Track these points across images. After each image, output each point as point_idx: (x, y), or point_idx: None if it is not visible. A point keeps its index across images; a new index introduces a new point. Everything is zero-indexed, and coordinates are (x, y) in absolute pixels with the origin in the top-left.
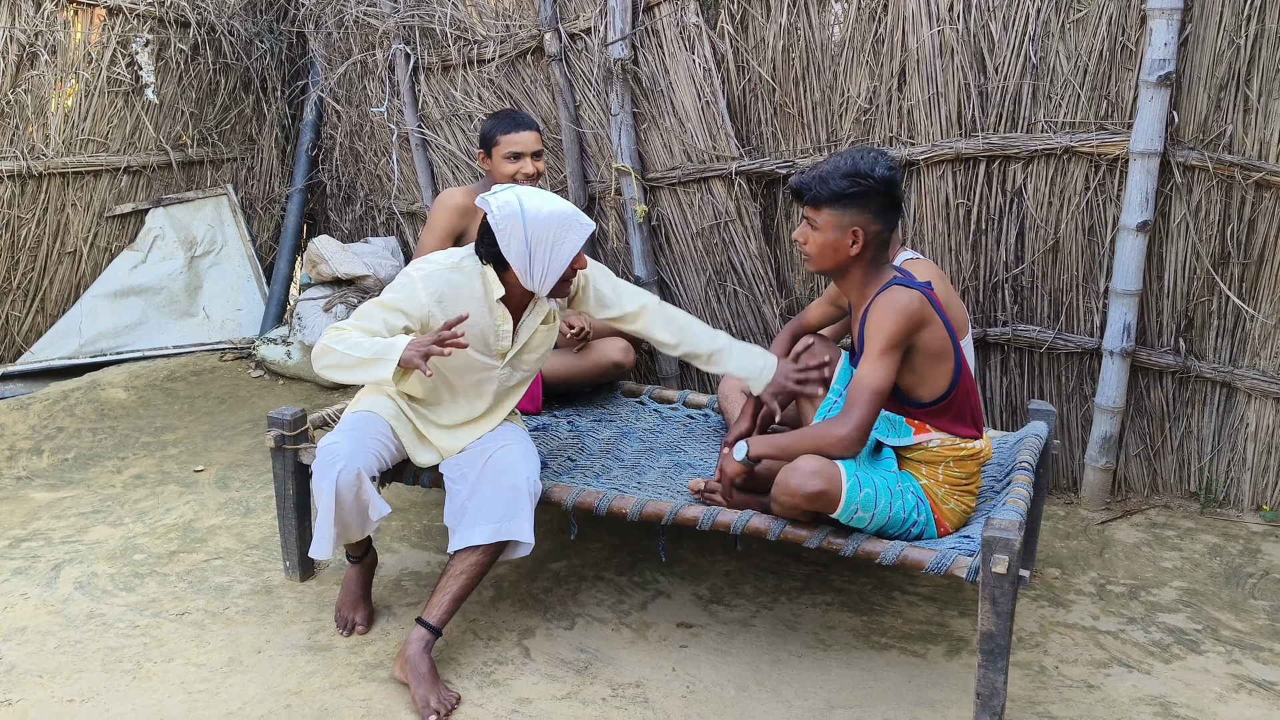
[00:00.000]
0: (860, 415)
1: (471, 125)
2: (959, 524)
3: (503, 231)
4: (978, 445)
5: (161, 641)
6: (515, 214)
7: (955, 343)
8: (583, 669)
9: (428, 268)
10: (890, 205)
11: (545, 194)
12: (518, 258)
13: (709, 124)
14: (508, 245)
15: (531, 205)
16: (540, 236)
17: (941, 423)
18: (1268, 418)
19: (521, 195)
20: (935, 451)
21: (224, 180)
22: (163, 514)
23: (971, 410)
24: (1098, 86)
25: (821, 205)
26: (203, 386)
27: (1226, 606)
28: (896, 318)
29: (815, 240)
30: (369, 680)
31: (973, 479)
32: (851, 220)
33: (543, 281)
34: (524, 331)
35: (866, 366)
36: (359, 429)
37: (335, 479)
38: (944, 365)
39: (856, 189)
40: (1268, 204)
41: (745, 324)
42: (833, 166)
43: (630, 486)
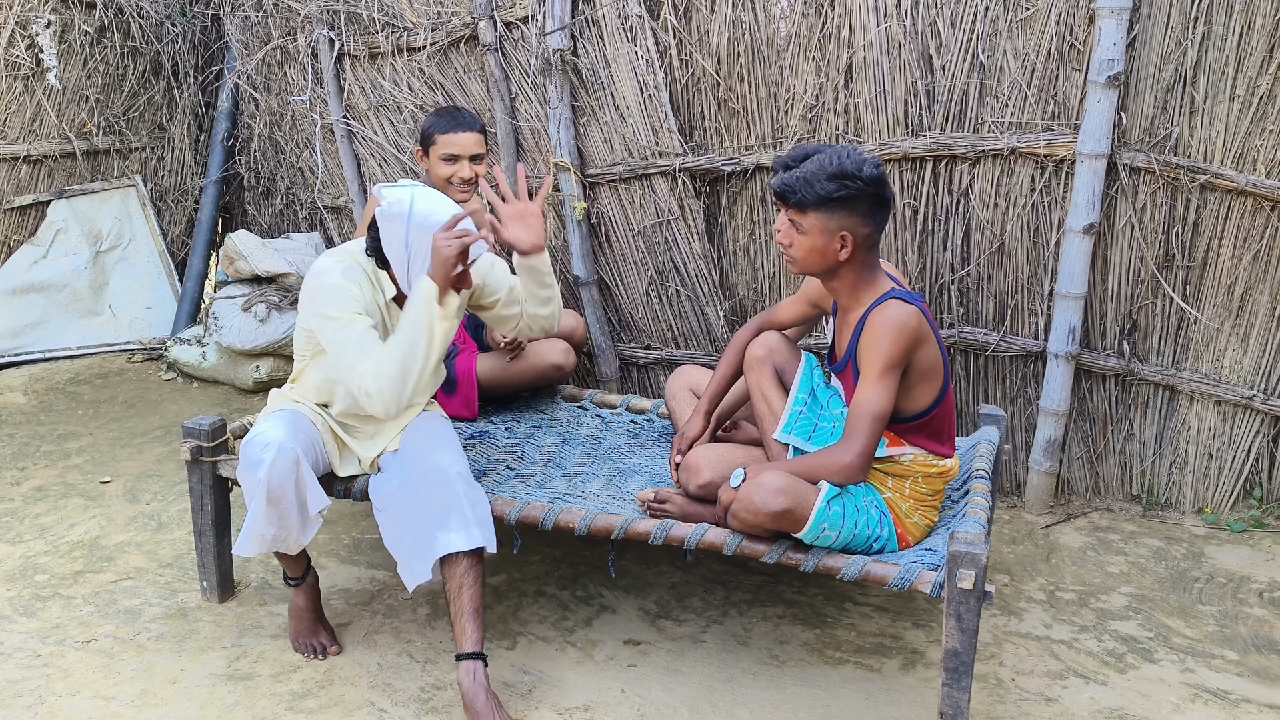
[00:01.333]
0: (863, 442)
1: (401, 117)
2: (921, 538)
3: (386, 229)
4: (948, 463)
5: (66, 672)
6: (402, 213)
7: (946, 362)
8: (526, 693)
9: (339, 263)
10: (879, 205)
11: (443, 200)
12: (396, 257)
13: (651, 118)
14: (389, 244)
15: (421, 209)
16: (421, 243)
17: (919, 439)
18: (1209, 420)
19: (415, 195)
20: (906, 466)
21: (132, 171)
22: (66, 530)
23: (949, 427)
24: (1045, 87)
25: (808, 209)
26: (109, 390)
27: (1176, 612)
28: (896, 337)
29: (801, 244)
30: (296, 711)
31: (938, 495)
32: (840, 224)
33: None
34: None
35: (866, 390)
36: (288, 420)
37: (269, 467)
38: (933, 383)
39: (844, 192)
40: (1212, 206)
41: (688, 325)
42: (817, 167)
43: (575, 496)
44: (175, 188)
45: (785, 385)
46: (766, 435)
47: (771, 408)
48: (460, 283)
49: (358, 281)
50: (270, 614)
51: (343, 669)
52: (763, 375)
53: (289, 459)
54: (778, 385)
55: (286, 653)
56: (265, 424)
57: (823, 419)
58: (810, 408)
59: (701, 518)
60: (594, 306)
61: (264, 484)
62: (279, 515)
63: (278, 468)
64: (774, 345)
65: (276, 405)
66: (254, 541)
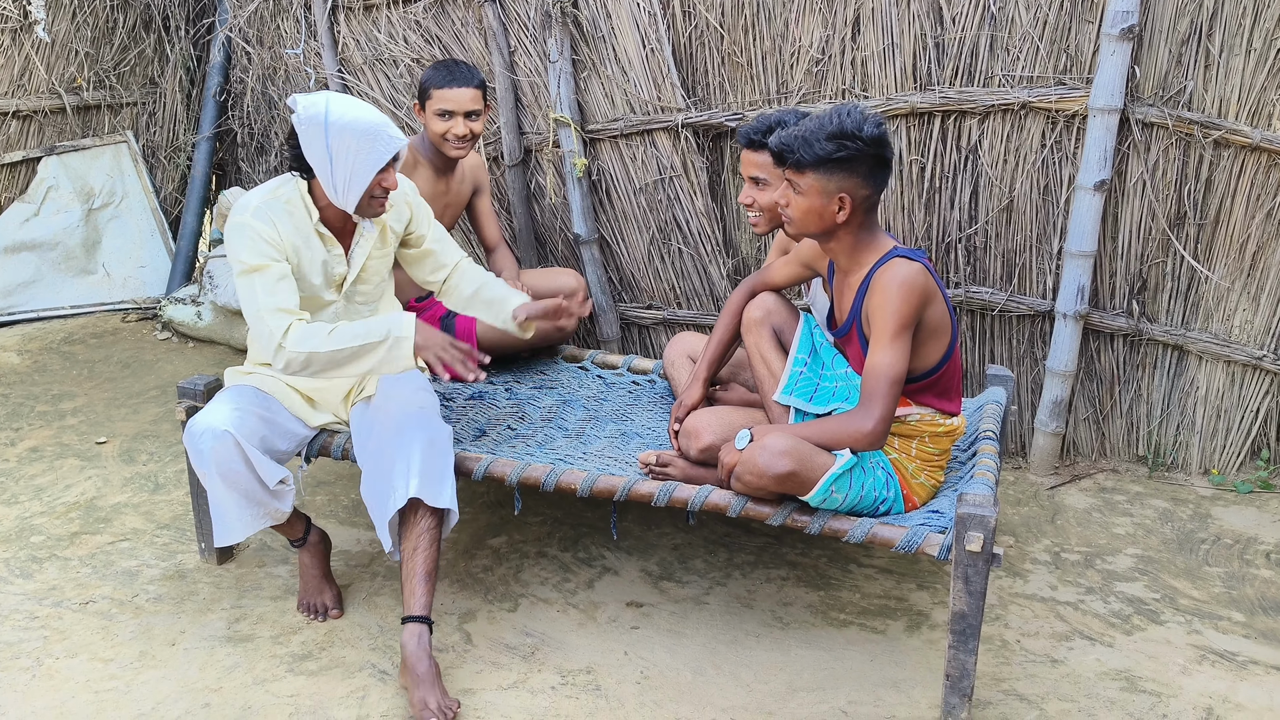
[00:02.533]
0: (883, 407)
1: (397, 71)
2: (927, 499)
3: (304, 134)
4: (955, 422)
5: (64, 634)
6: (318, 116)
7: (953, 315)
8: (529, 655)
9: (252, 204)
10: (880, 166)
11: (358, 103)
12: (318, 164)
13: (653, 73)
14: (309, 149)
15: (337, 110)
16: (342, 144)
17: (927, 398)
18: (1218, 381)
19: (330, 99)
20: (913, 425)
21: (123, 127)
22: (62, 491)
23: (957, 385)
24: (1057, 39)
25: (805, 169)
26: (104, 350)
27: (1182, 574)
28: (906, 296)
29: (798, 205)
30: (296, 674)
31: (945, 455)
32: (839, 185)
33: (346, 195)
34: (357, 256)
35: (880, 353)
36: (228, 399)
37: (211, 455)
38: (940, 340)
39: (844, 152)
40: (1226, 163)
41: (690, 284)
42: (817, 126)
43: (576, 458)
44: (168, 144)
45: (784, 346)
46: (767, 398)
47: (771, 369)
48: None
49: (272, 219)
50: (269, 575)
51: (343, 631)
52: (761, 337)
53: (228, 444)
54: (777, 347)
55: (286, 614)
56: (204, 411)
57: (824, 379)
58: (811, 368)
59: (704, 480)
60: (594, 265)
61: (214, 472)
62: (242, 495)
63: (220, 454)
64: (771, 306)
65: (226, 384)
66: (231, 527)
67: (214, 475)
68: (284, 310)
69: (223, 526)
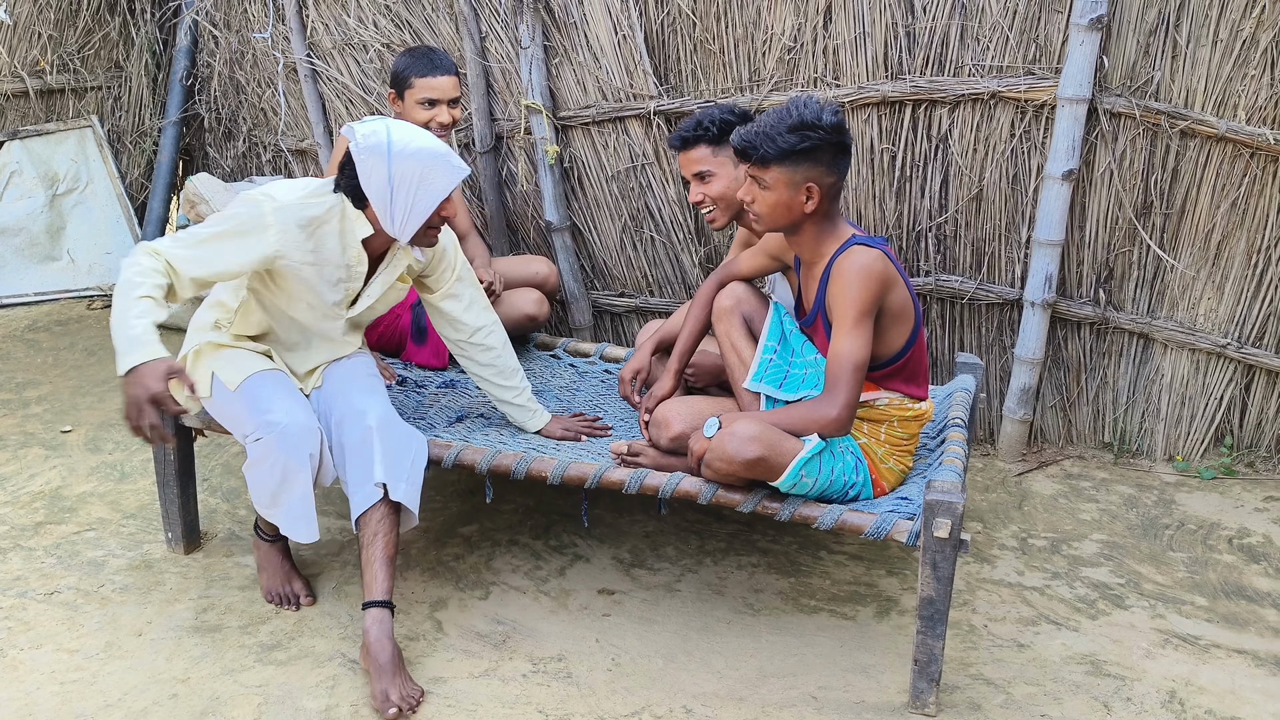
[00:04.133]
0: (846, 393)
1: (367, 56)
2: (896, 484)
3: (364, 164)
4: (923, 407)
5: (28, 625)
6: (380, 145)
7: (915, 300)
8: (500, 642)
9: (282, 199)
10: (841, 153)
11: (419, 130)
12: (378, 194)
13: (626, 59)
14: (368, 179)
15: (400, 139)
16: (405, 173)
17: (894, 383)
18: (1182, 368)
19: (391, 126)
20: (881, 410)
21: (88, 111)
22: (26, 480)
23: (923, 371)
24: (1027, 29)
25: (770, 163)
26: (69, 337)
27: (1146, 559)
28: (865, 283)
29: (765, 200)
30: (265, 664)
31: (913, 439)
32: (804, 176)
33: (404, 225)
34: (375, 287)
35: (842, 340)
36: (288, 392)
37: (309, 455)
38: (904, 326)
39: (807, 143)
40: (1192, 153)
41: (662, 272)
42: (777, 119)
43: (548, 447)
44: (133, 129)
45: (754, 335)
46: (737, 385)
47: (741, 357)
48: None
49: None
50: (237, 565)
51: (312, 620)
52: (732, 325)
53: (320, 441)
54: (747, 335)
55: (255, 604)
56: (277, 405)
57: (794, 365)
58: (780, 355)
59: (674, 469)
60: (566, 253)
61: (309, 472)
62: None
63: (315, 454)
64: (741, 295)
65: (244, 367)
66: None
67: (308, 473)
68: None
69: (310, 524)
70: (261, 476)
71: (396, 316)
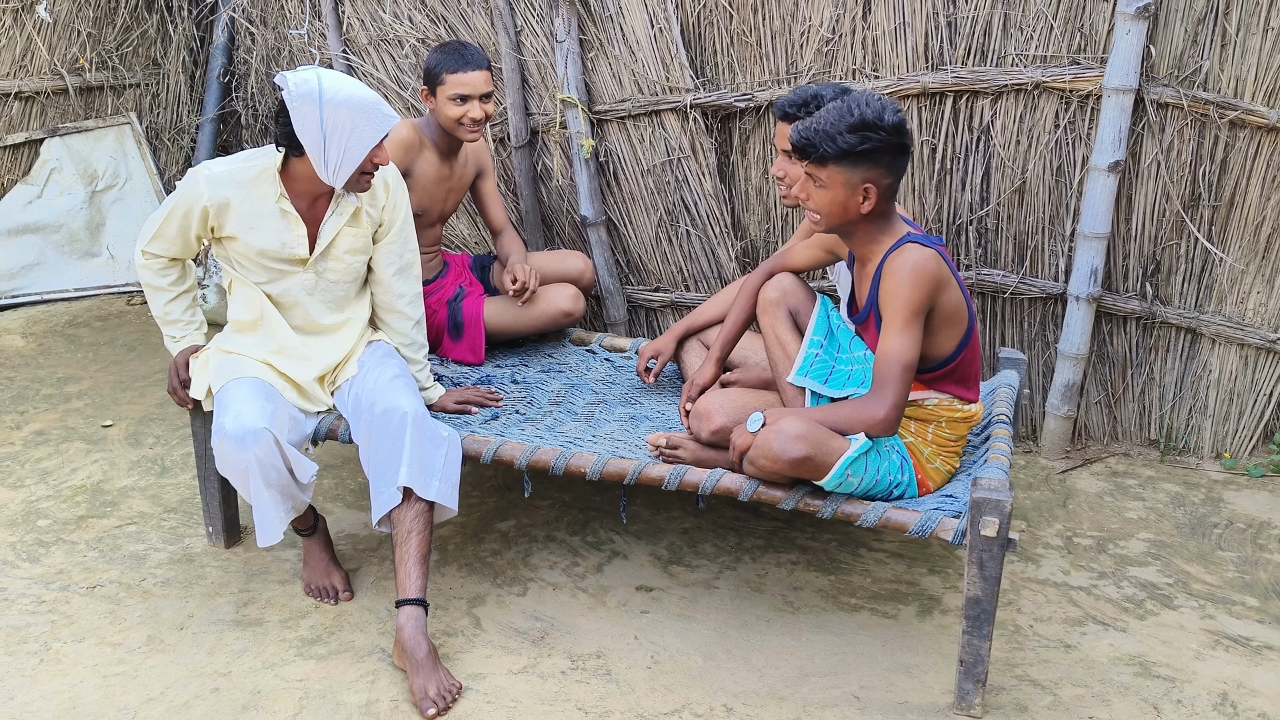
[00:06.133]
0: (895, 393)
1: (402, 51)
2: (941, 484)
3: (297, 111)
4: (973, 409)
5: (71, 619)
6: (311, 94)
7: (969, 303)
8: (539, 639)
9: (216, 170)
10: (901, 153)
11: (350, 79)
12: (311, 142)
13: (661, 52)
14: (302, 127)
15: (330, 86)
16: (336, 121)
17: (945, 385)
18: (1231, 364)
19: (322, 75)
20: (930, 410)
21: (126, 108)
22: (68, 474)
23: (975, 372)
24: (1072, 18)
25: (828, 162)
26: (109, 333)
27: (1195, 558)
28: (917, 283)
29: (822, 199)
30: (305, 658)
31: (960, 441)
32: (863, 176)
33: (337, 171)
34: (326, 232)
35: (892, 339)
36: (250, 392)
37: (254, 459)
38: (956, 328)
39: (867, 144)
40: (1242, 144)
41: (698, 267)
42: (837, 118)
43: (585, 441)
44: (171, 125)
45: (800, 328)
46: (781, 379)
47: (786, 351)
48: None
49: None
50: (277, 559)
51: (352, 615)
52: (777, 319)
53: (268, 442)
54: (793, 328)
55: (295, 598)
56: (229, 413)
57: (840, 361)
58: (827, 350)
59: (715, 463)
60: (602, 248)
61: (256, 472)
62: (280, 493)
63: (262, 453)
64: (788, 288)
65: (227, 374)
66: (273, 527)
67: (256, 476)
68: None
69: (265, 528)
70: (229, 478)
71: (433, 312)
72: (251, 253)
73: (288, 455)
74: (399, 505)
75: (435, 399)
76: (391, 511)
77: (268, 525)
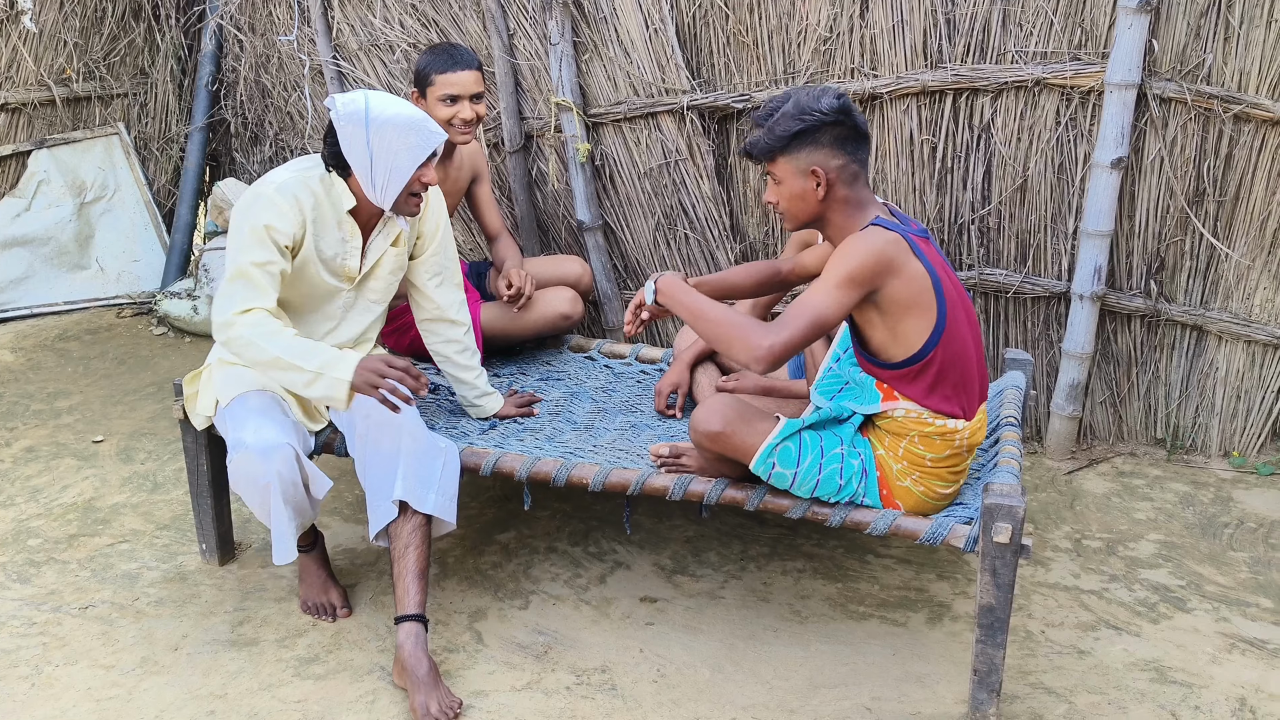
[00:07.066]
0: (788, 334)
1: (393, 56)
2: (917, 508)
3: (344, 132)
4: (951, 425)
5: (63, 641)
6: (358, 113)
7: (941, 298)
8: (542, 654)
9: (279, 179)
10: (847, 136)
11: (397, 99)
12: (358, 162)
13: (657, 54)
14: (349, 148)
15: (377, 106)
16: (382, 140)
17: (912, 390)
18: (1238, 361)
19: (370, 96)
20: (899, 422)
21: (114, 118)
22: (59, 492)
23: (955, 382)
24: (1072, 13)
25: (775, 155)
26: (99, 346)
27: (1207, 559)
28: (862, 253)
29: (782, 195)
30: (303, 678)
31: (946, 463)
32: (808, 160)
33: (384, 191)
34: (372, 251)
35: (817, 290)
36: (266, 408)
37: (277, 475)
38: (918, 320)
39: (803, 125)
40: (1246, 138)
41: (697, 270)
42: (779, 113)
43: (585, 450)
44: (160, 135)
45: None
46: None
47: (814, 359)
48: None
49: (296, 196)
50: (273, 576)
51: (350, 632)
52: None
53: (289, 458)
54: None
55: (291, 616)
56: (247, 428)
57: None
58: (843, 363)
59: (721, 472)
60: (599, 252)
61: (277, 489)
62: (295, 510)
63: (284, 470)
64: None
65: (237, 388)
66: (289, 545)
67: (276, 493)
68: (255, 306)
69: (283, 545)
70: (244, 495)
71: None
72: (310, 263)
73: (307, 471)
74: (396, 519)
75: (495, 408)
76: (389, 525)
77: (284, 543)
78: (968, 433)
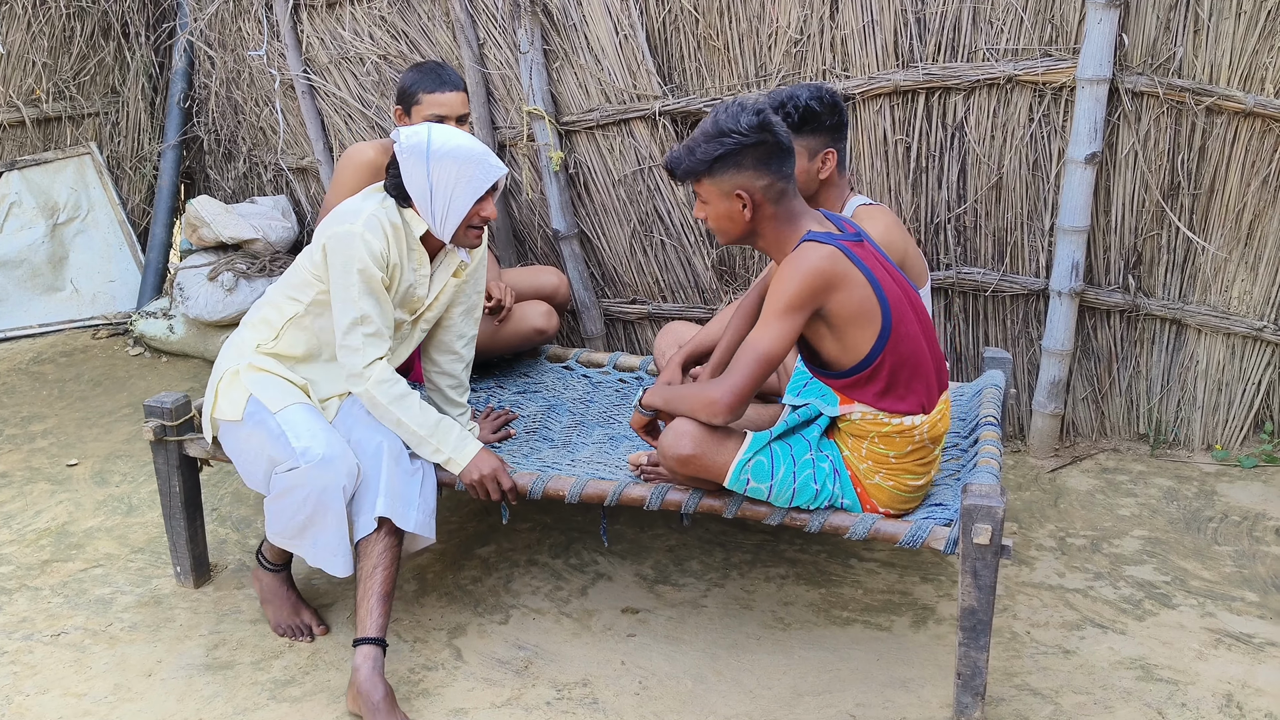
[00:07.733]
0: (738, 381)
1: (364, 69)
2: (893, 504)
3: (406, 164)
4: (907, 422)
5: (35, 669)
6: (419, 146)
7: (885, 305)
8: (522, 669)
9: (361, 211)
10: (770, 154)
11: (460, 132)
12: (419, 193)
13: (628, 60)
14: (410, 179)
15: (439, 138)
16: (442, 172)
17: (864, 394)
18: (1218, 354)
19: (433, 129)
20: (857, 425)
21: (86, 138)
22: (32, 517)
23: (908, 381)
24: (1042, 9)
25: (700, 177)
26: (74, 368)
27: (1191, 554)
28: (799, 277)
29: (710, 214)
30: (279, 700)
31: (909, 458)
32: (731, 184)
33: (444, 223)
34: (436, 282)
35: (760, 328)
36: (315, 418)
37: (344, 482)
38: (866, 329)
39: (723, 149)
40: (1219, 130)
41: (674, 277)
42: (699, 133)
43: (564, 464)
44: (132, 154)
45: None
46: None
47: (784, 366)
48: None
49: (383, 232)
50: (248, 597)
51: (327, 653)
52: None
53: (352, 470)
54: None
55: (267, 638)
56: (303, 433)
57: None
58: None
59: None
60: (575, 261)
61: (339, 499)
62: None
63: (348, 485)
64: None
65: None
66: (348, 556)
67: (340, 500)
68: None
69: (342, 556)
70: (289, 507)
71: None
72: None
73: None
74: (369, 535)
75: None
76: (359, 542)
77: (347, 555)
78: (926, 427)
